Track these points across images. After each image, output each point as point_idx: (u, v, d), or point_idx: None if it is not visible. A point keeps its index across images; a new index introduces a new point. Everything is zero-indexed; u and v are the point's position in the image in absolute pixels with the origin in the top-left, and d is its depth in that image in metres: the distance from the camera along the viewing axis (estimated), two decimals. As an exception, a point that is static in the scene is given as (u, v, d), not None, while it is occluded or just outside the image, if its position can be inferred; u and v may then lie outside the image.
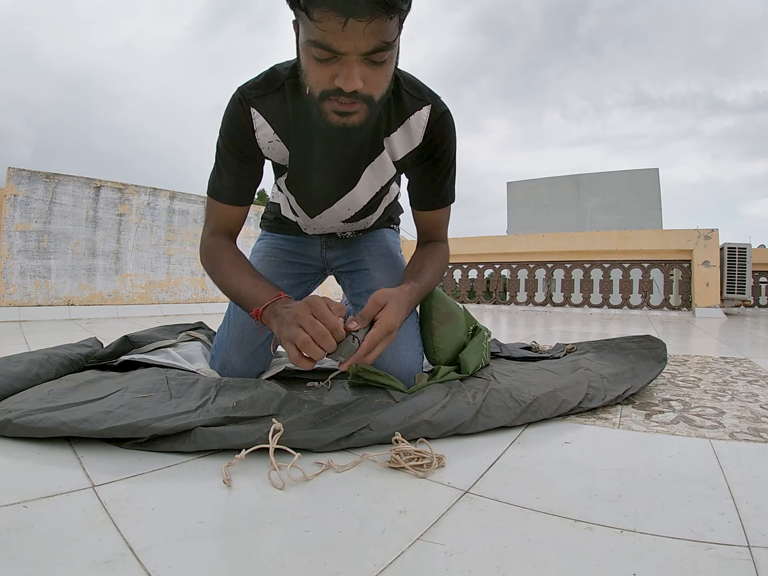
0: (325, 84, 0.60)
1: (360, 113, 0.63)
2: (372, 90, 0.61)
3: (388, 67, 0.62)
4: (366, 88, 0.60)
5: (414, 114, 0.76)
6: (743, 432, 0.70)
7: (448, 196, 0.86)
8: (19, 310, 2.46)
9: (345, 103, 0.61)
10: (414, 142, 0.78)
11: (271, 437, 0.54)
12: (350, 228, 0.99)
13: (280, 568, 0.35)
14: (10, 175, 2.50)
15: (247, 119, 0.75)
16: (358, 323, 0.65)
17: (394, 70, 0.66)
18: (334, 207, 0.88)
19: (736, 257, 4.39)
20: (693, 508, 0.45)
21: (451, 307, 0.95)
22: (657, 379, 1.06)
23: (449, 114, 0.78)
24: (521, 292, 5.01)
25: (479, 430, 0.67)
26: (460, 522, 0.43)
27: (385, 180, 0.84)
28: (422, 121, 0.76)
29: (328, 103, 0.62)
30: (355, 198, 0.86)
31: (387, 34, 0.56)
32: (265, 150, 0.79)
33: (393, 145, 0.79)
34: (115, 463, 0.54)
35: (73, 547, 0.36)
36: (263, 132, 0.76)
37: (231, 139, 0.76)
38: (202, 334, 1.20)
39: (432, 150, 0.79)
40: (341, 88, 0.59)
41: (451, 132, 0.79)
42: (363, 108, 0.62)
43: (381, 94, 0.63)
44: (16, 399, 0.67)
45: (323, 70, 0.59)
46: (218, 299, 3.41)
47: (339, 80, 0.58)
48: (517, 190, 16.54)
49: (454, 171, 0.84)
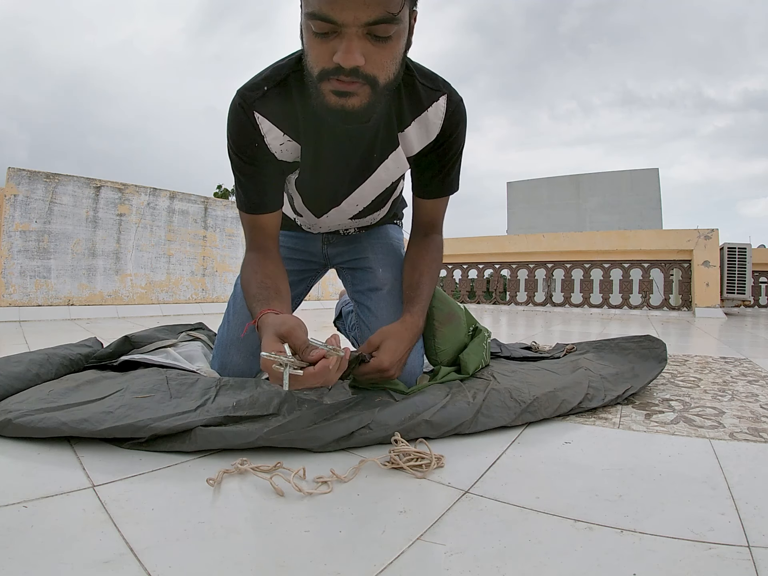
0: (324, 62, 0.55)
1: (361, 96, 0.57)
2: (375, 70, 0.56)
3: (395, 46, 0.57)
4: (369, 67, 0.55)
5: (432, 106, 0.72)
6: (743, 432, 0.70)
7: (453, 184, 0.84)
8: (19, 310, 2.46)
9: (345, 81, 0.56)
10: (431, 135, 0.75)
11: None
12: (355, 225, 0.97)
13: (280, 568, 0.35)
14: (10, 175, 2.50)
15: (253, 126, 0.71)
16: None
17: (404, 55, 0.61)
18: (341, 205, 0.86)
19: (736, 257, 4.39)
20: (693, 508, 0.45)
21: (452, 308, 0.95)
22: (657, 379, 1.06)
23: (463, 102, 0.75)
24: (521, 292, 5.01)
25: (479, 430, 0.67)
26: (460, 522, 0.43)
27: (396, 176, 0.82)
28: (440, 112, 0.73)
29: (327, 84, 0.57)
30: (364, 194, 0.84)
31: (392, 5, 0.52)
32: (278, 154, 0.74)
33: (409, 139, 0.75)
34: (115, 463, 0.54)
35: (73, 547, 0.36)
36: (273, 136, 0.72)
37: (241, 150, 0.73)
38: (203, 335, 1.20)
39: (445, 139, 0.76)
40: (340, 65, 0.54)
41: (463, 120, 0.76)
42: (365, 90, 0.57)
43: (387, 78, 0.58)
44: (16, 399, 0.67)
45: (323, 46, 0.55)
46: (218, 299, 3.41)
47: (338, 55, 0.53)
48: (517, 190, 16.54)
49: (461, 159, 0.81)
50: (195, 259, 3.34)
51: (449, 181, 0.83)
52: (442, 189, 0.83)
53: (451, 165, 0.80)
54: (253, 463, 0.53)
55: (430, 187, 0.83)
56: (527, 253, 4.97)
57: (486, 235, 5.45)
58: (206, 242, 3.41)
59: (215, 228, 3.48)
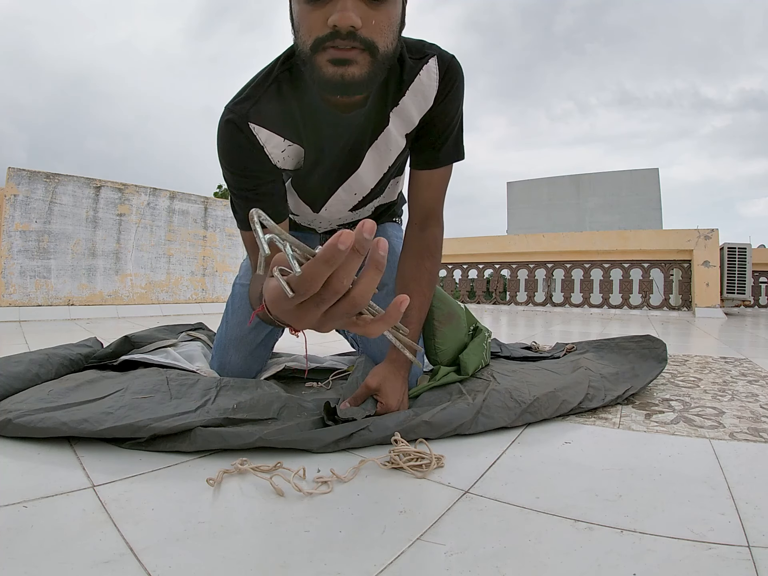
0: (318, 29, 0.52)
1: (361, 64, 0.53)
2: (373, 34, 0.52)
3: (392, 11, 0.54)
4: (366, 30, 0.52)
5: (423, 69, 0.69)
6: (743, 432, 0.70)
7: (460, 147, 0.77)
8: (19, 310, 2.46)
9: (342, 48, 0.52)
10: (429, 100, 0.71)
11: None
12: (356, 217, 0.93)
13: (280, 568, 0.35)
14: (10, 175, 2.50)
15: (249, 140, 0.67)
16: (351, 405, 0.69)
17: (399, 29, 0.58)
18: (338, 193, 0.82)
19: (736, 257, 4.39)
20: (693, 508, 0.45)
21: (452, 308, 0.95)
22: (657, 379, 1.06)
23: (455, 59, 0.71)
24: (521, 292, 5.01)
25: (479, 431, 0.67)
26: (460, 522, 0.42)
27: (392, 158, 0.78)
28: (433, 74, 0.69)
29: (323, 54, 0.53)
30: (361, 181, 0.80)
31: None
32: (280, 162, 0.71)
33: (407, 112, 0.71)
34: (115, 463, 0.54)
35: (73, 547, 0.36)
36: (273, 144, 0.69)
37: (238, 168, 0.68)
38: (203, 335, 1.20)
39: (444, 97, 0.71)
40: (337, 28, 0.50)
41: (460, 76, 0.71)
42: (364, 58, 0.53)
43: (385, 44, 0.54)
44: (16, 399, 0.67)
45: (315, 13, 0.51)
46: (218, 299, 3.41)
47: (333, 17, 0.50)
48: (516, 190, 16.55)
49: (462, 122, 0.76)
50: (195, 259, 3.34)
51: (457, 144, 0.76)
52: (444, 156, 0.76)
53: (455, 123, 0.74)
54: (253, 463, 0.53)
55: (437, 153, 0.75)
56: (527, 253, 4.97)
57: (486, 235, 5.45)
58: (206, 242, 3.41)
59: (215, 228, 3.48)
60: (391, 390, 0.70)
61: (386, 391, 0.70)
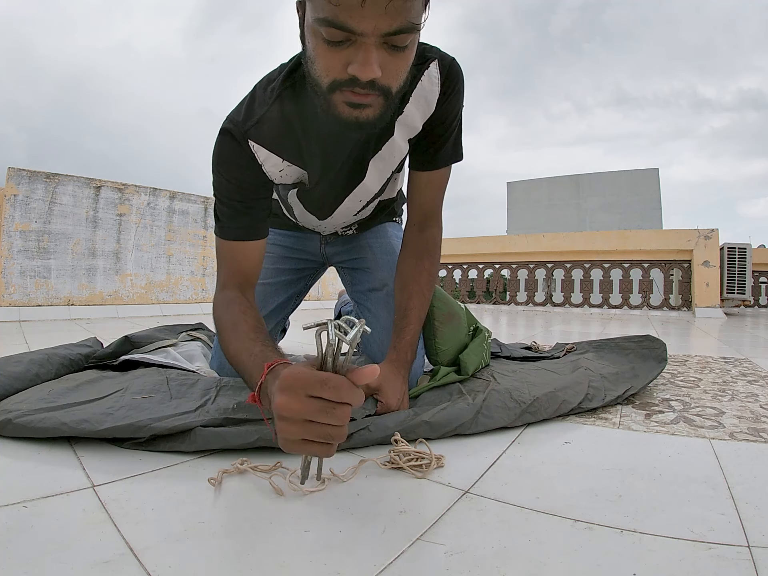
0: (336, 72, 0.51)
1: (375, 107, 0.54)
2: (390, 81, 0.53)
3: (410, 54, 0.54)
4: (384, 78, 0.52)
5: (424, 75, 0.68)
6: (743, 432, 0.70)
7: (459, 149, 0.78)
8: (19, 310, 2.46)
9: (360, 93, 0.52)
10: (432, 105, 0.71)
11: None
12: (357, 219, 0.95)
13: (280, 568, 0.35)
14: (10, 175, 2.50)
15: (248, 155, 0.67)
16: None
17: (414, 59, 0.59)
18: (345, 203, 0.84)
19: (736, 257, 4.39)
20: (693, 508, 0.45)
21: (452, 308, 0.95)
22: (657, 379, 1.06)
23: (456, 61, 0.71)
24: (521, 292, 5.01)
25: (479, 431, 0.67)
26: (460, 522, 0.42)
27: (395, 164, 0.79)
28: (435, 78, 0.69)
29: (340, 95, 0.53)
30: (367, 189, 0.82)
31: (413, 13, 0.48)
32: (278, 179, 0.72)
33: (411, 118, 0.72)
34: (115, 463, 0.54)
35: (73, 547, 0.36)
36: (271, 163, 0.69)
37: (231, 175, 0.68)
38: (203, 335, 1.20)
39: (446, 99, 0.71)
40: (356, 77, 0.50)
41: (461, 78, 0.72)
42: (378, 101, 0.54)
43: (399, 86, 0.55)
44: (16, 399, 0.67)
45: (335, 55, 0.50)
46: (218, 299, 3.41)
47: (354, 67, 0.49)
48: (517, 190, 16.56)
49: (461, 124, 0.76)
50: (195, 259, 3.34)
51: (456, 145, 0.77)
52: (443, 157, 0.77)
53: (455, 125, 0.75)
54: (252, 463, 0.53)
55: (437, 154, 0.76)
56: (527, 253, 4.97)
57: (486, 235, 5.45)
58: (206, 242, 3.41)
59: (215, 228, 3.48)
60: (391, 390, 0.70)
61: (386, 390, 0.70)
